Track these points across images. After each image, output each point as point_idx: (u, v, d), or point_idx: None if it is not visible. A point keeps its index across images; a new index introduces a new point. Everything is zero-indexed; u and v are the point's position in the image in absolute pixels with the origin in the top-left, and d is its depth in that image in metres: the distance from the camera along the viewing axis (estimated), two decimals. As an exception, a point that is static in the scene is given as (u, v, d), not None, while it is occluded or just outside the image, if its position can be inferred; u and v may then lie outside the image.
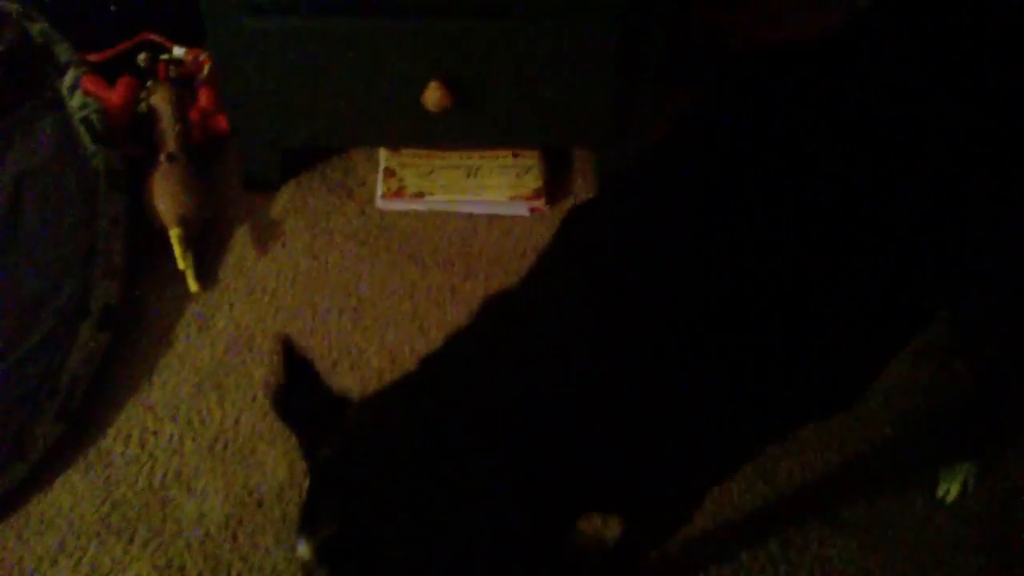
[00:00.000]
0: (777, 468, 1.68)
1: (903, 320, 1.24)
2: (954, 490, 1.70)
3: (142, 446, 1.68)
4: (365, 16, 1.67)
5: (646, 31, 1.72)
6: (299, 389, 1.13)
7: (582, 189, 2.02)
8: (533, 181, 1.97)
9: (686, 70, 2.12)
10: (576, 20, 1.68)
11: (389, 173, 1.98)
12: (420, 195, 1.95)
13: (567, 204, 2.00)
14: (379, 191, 1.97)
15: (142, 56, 2.02)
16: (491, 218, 1.97)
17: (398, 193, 1.96)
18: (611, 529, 1.45)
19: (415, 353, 1.78)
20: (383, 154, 2.00)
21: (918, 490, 1.70)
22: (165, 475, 1.65)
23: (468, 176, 1.97)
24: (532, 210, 1.96)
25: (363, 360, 1.79)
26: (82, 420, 1.70)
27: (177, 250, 1.83)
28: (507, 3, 1.66)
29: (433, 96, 1.74)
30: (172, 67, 2.01)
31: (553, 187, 2.01)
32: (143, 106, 1.98)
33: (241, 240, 1.93)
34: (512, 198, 1.95)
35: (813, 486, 1.72)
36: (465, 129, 1.85)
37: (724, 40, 2.08)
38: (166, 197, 1.87)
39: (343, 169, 2.04)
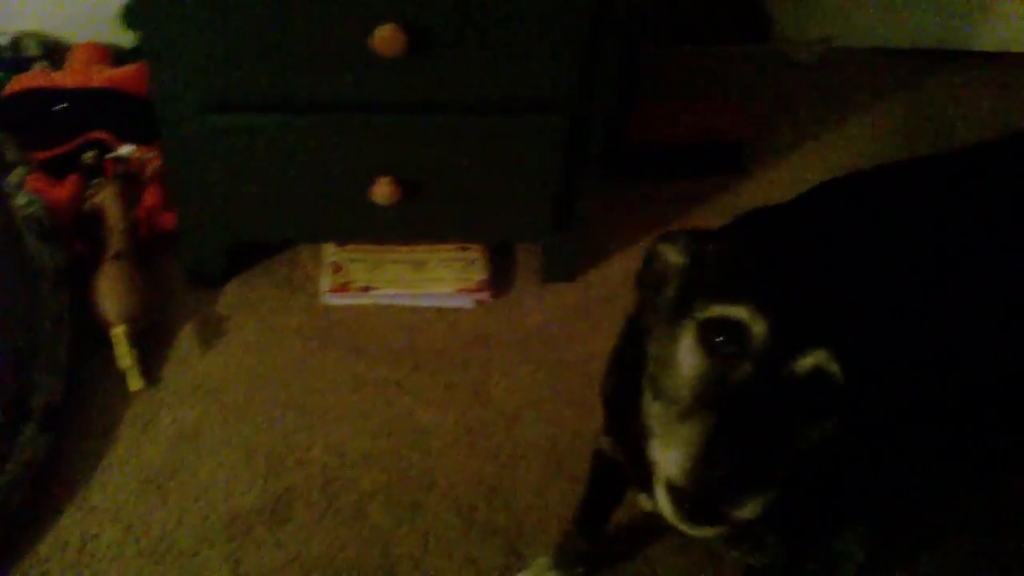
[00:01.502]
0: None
1: None
2: None
3: (81, 551, 1.64)
4: (319, 112, 1.69)
5: (590, 130, 1.76)
6: None
7: (526, 279, 2.05)
8: (478, 273, 1.99)
9: (627, 164, 2.17)
10: (526, 117, 1.72)
11: (335, 268, 1.99)
12: (366, 289, 1.96)
13: (512, 296, 2.02)
14: (325, 286, 1.97)
15: (89, 154, 2.03)
16: (437, 310, 1.98)
17: (344, 287, 1.96)
18: None
19: (361, 450, 1.79)
20: (329, 249, 2.01)
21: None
22: (105, 581, 1.63)
23: (414, 269, 1.98)
24: (478, 302, 1.97)
25: (308, 457, 1.77)
26: (18, 524, 1.65)
27: (121, 348, 1.82)
28: (457, 99, 1.69)
29: (383, 191, 1.76)
30: (119, 165, 2.02)
31: (498, 278, 2.03)
32: (89, 204, 1.98)
33: (186, 337, 1.92)
34: (458, 290, 1.97)
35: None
36: (413, 224, 1.87)
37: (662, 133, 2.13)
38: (111, 296, 1.86)
39: (289, 264, 2.04)
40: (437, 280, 1.97)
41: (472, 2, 1.56)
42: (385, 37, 1.55)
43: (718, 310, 0.95)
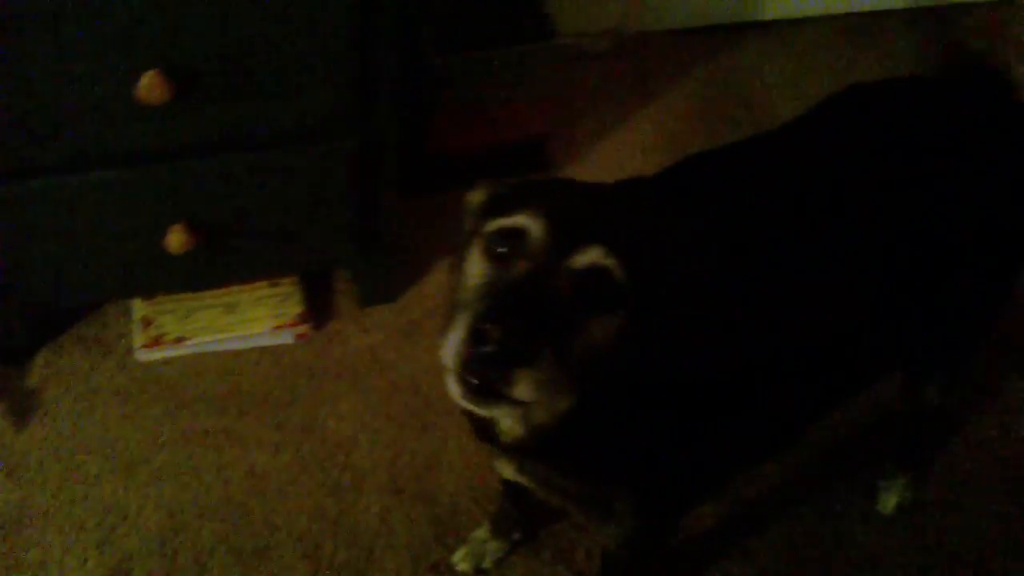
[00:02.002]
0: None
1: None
2: (892, 502, 1.81)
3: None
4: (96, 170, 1.63)
5: (379, 149, 1.75)
6: None
7: (345, 306, 2.02)
8: (294, 307, 1.95)
9: (428, 177, 2.17)
10: (308, 147, 1.70)
11: (145, 322, 1.93)
12: (181, 340, 1.90)
13: (332, 325, 1.99)
14: (137, 342, 1.91)
15: None
16: (258, 350, 1.94)
17: (157, 341, 1.90)
18: None
19: (196, 505, 1.74)
20: (137, 304, 1.95)
21: (859, 502, 1.82)
22: None
23: (227, 313, 1.93)
24: (298, 336, 1.94)
25: (141, 520, 1.72)
26: None
27: (-75, 440, 1.73)
28: (234, 138, 1.65)
29: (176, 240, 1.71)
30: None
31: (316, 309, 2.00)
32: None
33: (-3, 417, 1.84)
34: (275, 328, 1.93)
35: (758, 499, 1.81)
36: (216, 268, 1.82)
37: (462, 141, 2.13)
38: (-93, 385, 1.77)
39: (98, 325, 1.97)
40: (253, 320, 1.93)
41: (233, 42, 1.53)
42: (149, 85, 1.50)
43: (500, 222, 1.02)
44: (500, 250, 1.01)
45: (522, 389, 0.93)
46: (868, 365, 1.40)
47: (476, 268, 1.03)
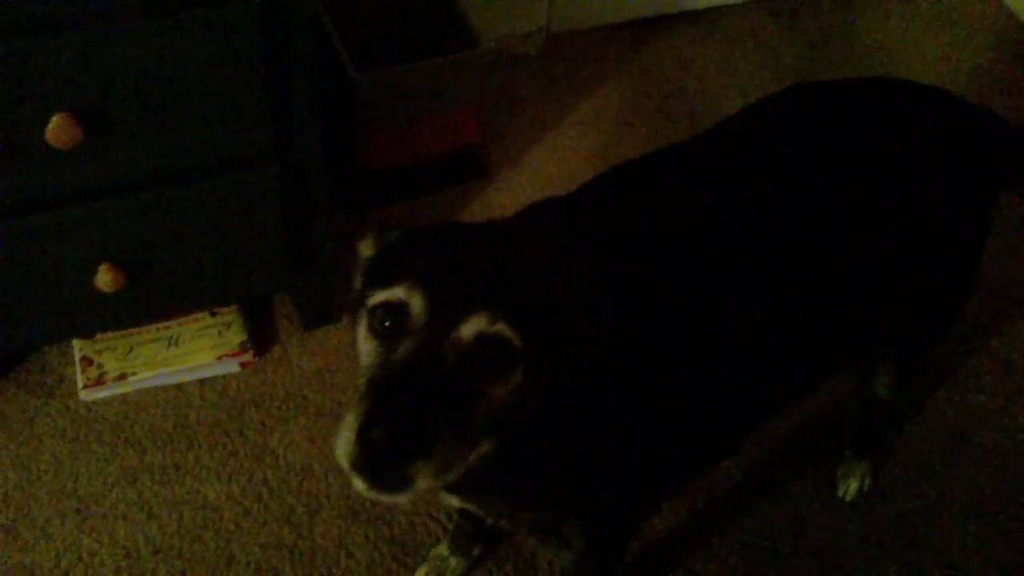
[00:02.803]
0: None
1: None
2: (853, 488, 1.82)
3: None
4: (14, 217, 1.59)
5: (305, 172, 1.73)
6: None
7: (288, 331, 2.00)
8: (236, 335, 1.93)
9: (363, 193, 2.16)
10: (229, 178, 1.67)
11: (87, 362, 1.89)
12: (123, 377, 1.87)
13: (277, 351, 1.97)
14: (80, 383, 1.88)
15: None
16: (202, 383, 1.92)
17: (99, 380, 1.87)
18: None
19: (150, 543, 1.72)
20: (77, 344, 1.92)
21: (819, 490, 1.84)
22: None
23: (169, 346, 1.91)
24: (243, 364, 1.92)
25: (96, 562, 1.69)
26: None
27: None
28: (152, 175, 1.63)
29: (105, 279, 1.67)
30: None
31: (259, 335, 1.98)
32: None
33: (-60, 468, 1.81)
34: (219, 358, 1.91)
35: (717, 493, 1.83)
36: (151, 303, 1.79)
37: (394, 156, 2.12)
38: None
39: (37, 368, 1.93)
40: (195, 352, 1.90)
41: (140, 80, 1.50)
42: (57, 129, 1.47)
43: (380, 295, 0.98)
44: (385, 325, 0.98)
45: (421, 480, 0.91)
46: (811, 368, 1.40)
47: (365, 345, 1.00)
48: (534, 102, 2.49)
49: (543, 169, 2.33)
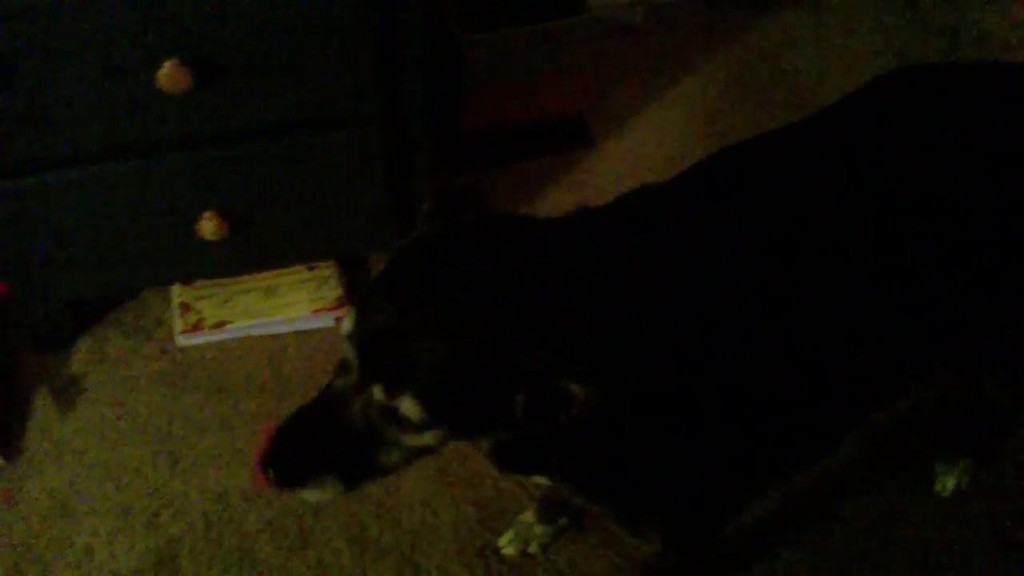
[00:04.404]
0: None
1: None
2: (951, 484, 1.78)
3: (-41, 645, 1.58)
4: (123, 160, 1.63)
5: (409, 132, 1.73)
6: None
7: (385, 289, 2.01)
8: (333, 290, 1.94)
9: (466, 156, 2.15)
10: (335, 133, 1.68)
11: (185, 308, 1.93)
12: (220, 325, 1.90)
13: (372, 307, 1.98)
14: (177, 328, 1.92)
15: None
16: (297, 335, 1.94)
17: (197, 327, 1.91)
18: None
19: (240, 489, 1.74)
20: (176, 289, 1.95)
21: (916, 484, 1.79)
22: (-12, 671, 1.56)
23: (267, 297, 1.93)
24: (337, 319, 1.93)
25: (187, 505, 1.73)
26: None
27: (-29, 428, 1.74)
28: (259, 126, 1.64)
29: (209, 227, 1.70)
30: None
31: (354, 292, 1.98)
32: (-86, 283, 1.88)
33: (42, 404, 1.85)
34: (315, 311, 1.92)
35: (812, 482, 1.79)
36: (250, 254, 1.82)
37: (499, 118, 2.11)
38: (-48, 374, 1.78)
39: (137, 312, 1.97)
40: (291, 304, 1.92)
41: (250, 31, 1.51)
42: (168, 74, 1.49)
43: (346, 321, 1.05)
44: (344, 355, 1.06)
45: (308, 493, 1.07)
46: (911, 366, 1.34)
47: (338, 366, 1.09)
48: (638, 72, 2.45)
49: (645, 140, 2.30)
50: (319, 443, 1.05)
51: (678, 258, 1.12)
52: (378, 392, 1.00)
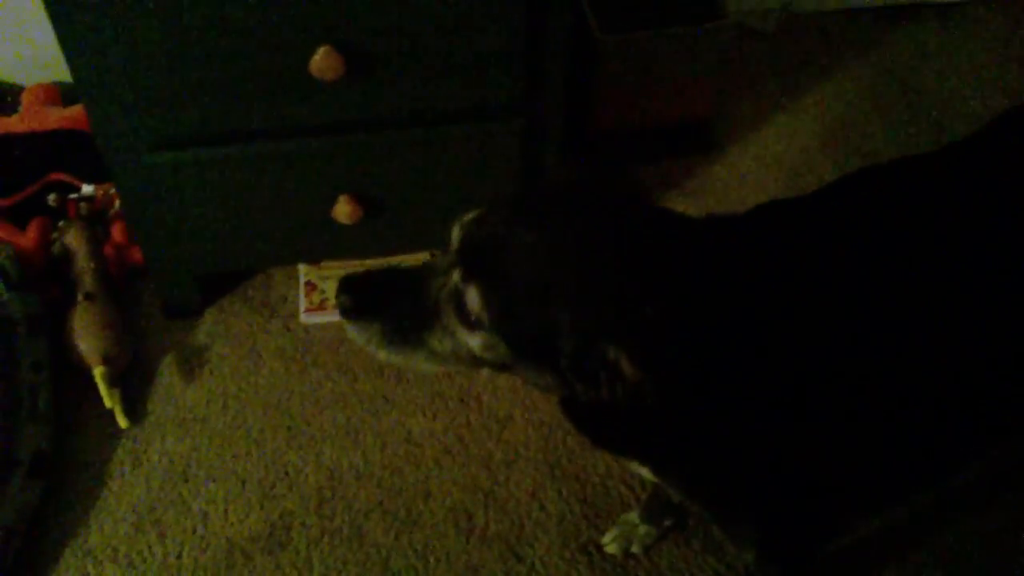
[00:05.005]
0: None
1: None
2: None
3: (82, 595, 1.65)
4: (267, 141, 1.67)
5: (546, 126, 1.75)
6: None
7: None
8: (454, 279, 1.97)
9: (592, 153, 2.16)
10: (476, 125, 1.70)
11: (310, 287, 1.97)
12: (344, 306, 1.94)
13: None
14: (302, 306, 1.96)
15: (52, 197, 2.00)
16: (417, 320, 1.97)
17: (321, 306, 1.95)
18: None
19: (353, 468, 1.78)
20: (302, 269, 2.00)
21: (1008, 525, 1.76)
22: (108, 623, 1.62)
23: (390, 281, 1.96)
24: (457, 308, 1.96)
25: (301, 479, 1.77)
26: (18, 570, 1.65)
27: (103, 388, 1.80)
28: (404, 114, 1.67)
29: (344, 210, 1.75)
30: (83, 205, 2.00)
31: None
32: (57, 247, 1.95)
33: (167, 370, 1.91)
34: (435, 298, 1.95)
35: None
36: (380, 238, 1.85)
37: (627, 118, 2.12)
38: (87, 336, 1.85)
39: (264, 288, 2.03)
40: (414, 290, 1.95)
41: (404, 20, 1.54)
42: (322, 61, 1.53)
43: (467, 216, 1.14)
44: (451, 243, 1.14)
45: (352, 328, 1.16)
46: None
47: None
48: (768, 80, 2.44)
49: (770, 149, 2.28)
50: (390, 297, 1.14)
51: (792, 276, 1.13)
52: (456, 275, 1.08)
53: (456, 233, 1.11)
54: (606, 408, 1.07)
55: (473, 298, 1.06)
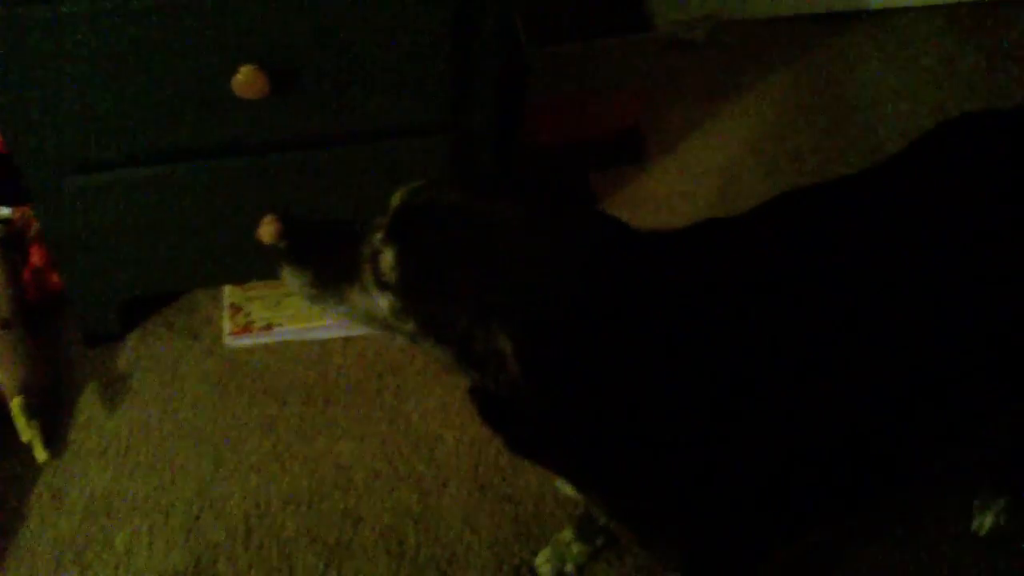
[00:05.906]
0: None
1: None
2: (988, 523, 1.74)
3: (-2, 638, 1.59)
4: (192, 161, 1.64)
5: (476, 143, 1.74)
6: None
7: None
8: (382, 299, 1.94)
9: (522, 168, 2.14)
10: (404, 142, 1.69)
11: (235, 309, 1.93)
12: (269, 327, 1.91)
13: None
14: (226, 329, 1.92)
15: (-35, 222, 1.95)
16: (344, 340, 1.93)
17: (246, 328, 1.91)
18: None
19: (281, 495, 1.74)
20: (227, 290, 1.96)
21: (952, 522, 1.76)
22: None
23: (316, 302, 1.93)
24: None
25: (227, 509, 1.73)
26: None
27: (20, 421, 1.75)
28: (330, 133, 1.65)
29: (268, 229, 1.70)
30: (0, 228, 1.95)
31: (404, 301, 1.98)
32: (-30, 273, 1.90)
33: (89, 399, 1.86)
34: (363, 319, 1.92)
35: None
36: (305, 258, 1.82)
37: (555, 132, 2.10)
38: (4, 366, 1.79)
39: (187, 311, 1.98)
40: (340, 310, 1.92)
41: (328, 39, 1.52)
42: (245, 80, 1.50)
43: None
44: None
45: (287, 272, 1.19)
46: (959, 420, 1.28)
47: None
48: (696, 90, 2.42)
49: (699, 159, 2.28)
50: (327, 248, 1.18)
51: (718, 295, 1.12)
52: (379, 236, 1.11)
53: (396, 197, 1.14)
54: (512, 403, 1.07)
55: (388, 259, 1.09)
